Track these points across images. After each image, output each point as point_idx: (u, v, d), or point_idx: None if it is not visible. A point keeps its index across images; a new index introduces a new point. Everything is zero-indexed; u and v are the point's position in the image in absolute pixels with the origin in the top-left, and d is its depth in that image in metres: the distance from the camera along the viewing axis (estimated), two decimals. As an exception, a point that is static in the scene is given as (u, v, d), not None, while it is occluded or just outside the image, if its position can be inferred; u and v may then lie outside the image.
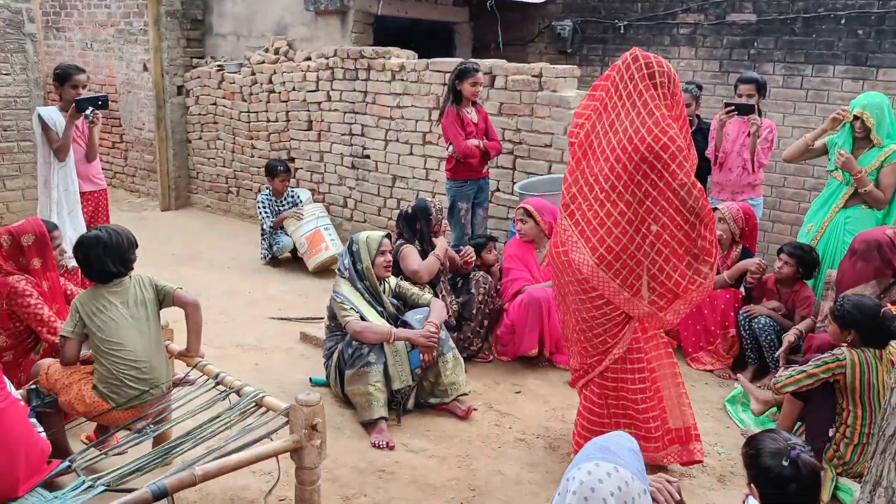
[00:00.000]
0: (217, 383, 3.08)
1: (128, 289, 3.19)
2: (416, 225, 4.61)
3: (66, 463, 2.65)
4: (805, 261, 4.50)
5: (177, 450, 2.71)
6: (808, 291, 4.54)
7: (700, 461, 3.48)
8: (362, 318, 3.91)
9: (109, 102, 5.82)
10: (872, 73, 6.01)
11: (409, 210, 4.67)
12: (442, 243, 4.58)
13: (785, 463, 2.16)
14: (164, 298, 3.29)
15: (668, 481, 2.06)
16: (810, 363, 3.37)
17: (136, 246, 3.30)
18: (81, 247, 3.14)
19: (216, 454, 2.61)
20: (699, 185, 3.16)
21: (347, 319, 3.89)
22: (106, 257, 3.12)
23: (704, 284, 3.21)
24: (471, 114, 5.41)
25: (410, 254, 4.49)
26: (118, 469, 2.58)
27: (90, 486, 2.44)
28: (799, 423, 3.59)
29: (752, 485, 2.25)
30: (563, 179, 3.43)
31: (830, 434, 3.39)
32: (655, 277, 3.20)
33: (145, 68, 8.75)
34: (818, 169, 6.14)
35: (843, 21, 6.11)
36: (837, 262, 4.56)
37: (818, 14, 6.22)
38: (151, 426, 3.06)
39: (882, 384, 3.26)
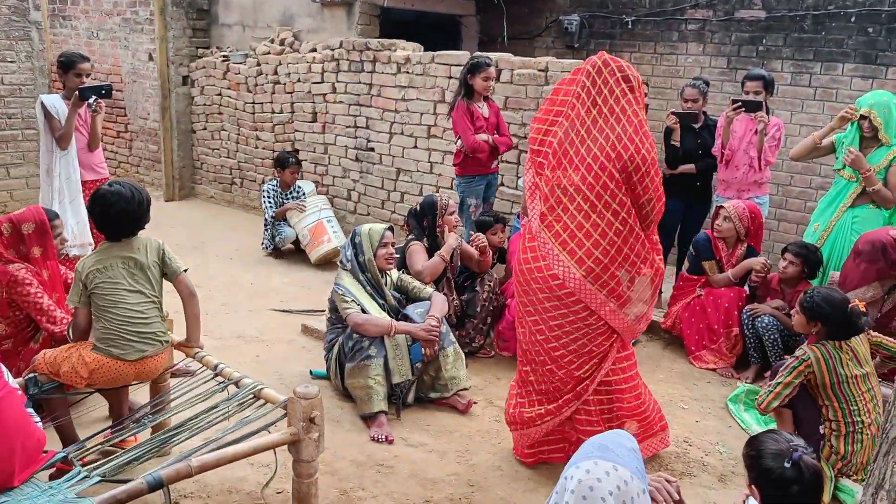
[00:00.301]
0: (216, 374, 3.06)
1: (134, 249, 3.18)
2: (423, 221, 4.57)
3: (63, 453, 2.64)
4: (810, 260, 4.46)
5: (173, 440, 2.69)
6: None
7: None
8: (363, 311, 3.89)
9: (114, 92, 5.81)
10: (882, 72, 5.95)
11: (418, 207, 4.65)
12: (450, 241, 4.49)
13: (787, 465, 2.14)
14: (168, 272, 3.28)
15: (668, 480, 2.04)
16: (780, 374, 3.39)
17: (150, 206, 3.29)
18: (100, 200, 3.11)
19: (213, 446, 2.59)
20: (664, 199, 3.25)
21: (348, 312, 3.87)
22: (122, 214, 3.10)
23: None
24: (482, 108, 5.38)
25: (417, 252, 4.46)
26: (114, 459, 2.57)
27: (85, 477, 2.42)
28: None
29: (753, 486, 2.23)
30: (530, 189, 3.31)
31: (822, 431, 3.38)
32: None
33: (151, 58, 8.73)
34: (825, 168, 6.09)
35: (853, 19, 6.05)
36: (844, 260, 4.53)
37: (828, 11, 6.16)
38: (150, 416, 3.05)
39: (849, 372, 3.30)
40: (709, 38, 6.81)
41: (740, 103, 4.98)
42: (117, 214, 3.10)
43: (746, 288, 4.82)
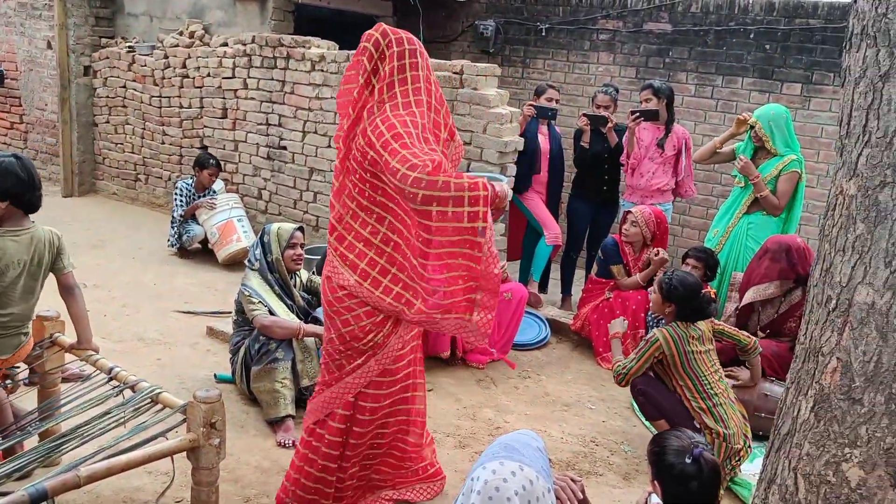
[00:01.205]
0: (110, 378, 2.90)
1: (36, 239, 3.02)
2: None
3: (-64, 463, 2.44)
4: (710, 264, 4.65)
5: (62, 448, 2.53)
6: (712, 293, 4.68)
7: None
8: (271, 313, 3.78)
9: (7, 80, 5.46)
10: (777, 87, 6.26)
11: None
12: None
13: (688, 460, 2.19)
14: (55, 268, 3.10)
15: (573, 480, 2.06)
16: (633, 356, 3.66)
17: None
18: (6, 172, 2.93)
19: (106, 454, 2.45)
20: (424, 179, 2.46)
21: (255, 313, 3.75)
22: (24, 184, 2.96)
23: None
24: None
25: None
26: (-6, 469, 2.39)
27: (-41, 489, 2.25)
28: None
29: (655, 482, 2.28)
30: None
31: (697, 426, 3.53)
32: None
33: (49, 46, 8.27)
34: (725, 176, 6.36)
35: (751, 35, 6.35)
36: (741, 264, 4.75)
37: (729, 27, 6.44)
38: (37, 422, 2.86)
39: (694, 349, 3.56)
40: (619, 48, 7.01)
41: (639, 114, 5.21)
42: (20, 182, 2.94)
43: (652, 291, 4.97)
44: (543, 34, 7.35)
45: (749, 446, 3.54)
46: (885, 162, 1.71)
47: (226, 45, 7.07)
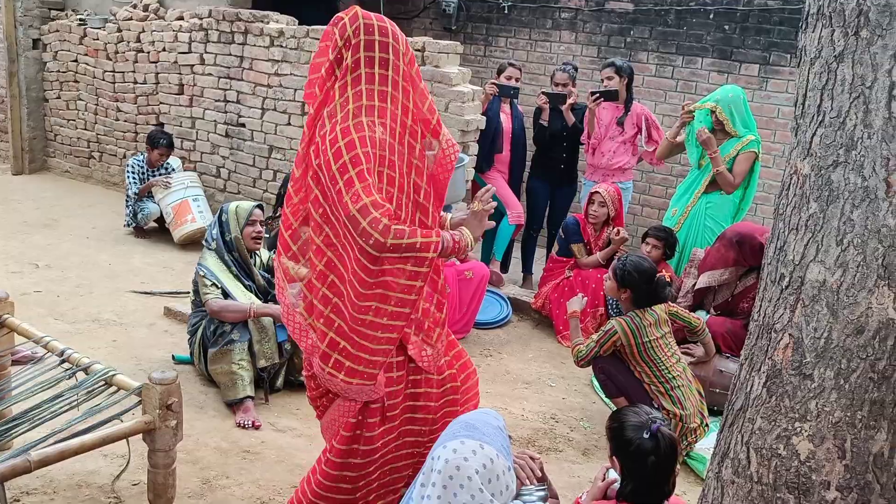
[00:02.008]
0: (63, 360, 2.83)
1: None
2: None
3: None
4: (669, 242, 4.71)
5: (12, 432, 2.47)
6: (671, 271, 4.75)
7: None
8: (225, 294, 3.73)
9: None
10: (736, 67, 6.33)
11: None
12: None
13: (646, 435, 2.22)
14: None
15: (532, 458, 2.08)
16: (591, 341, 3.71)
17: None
18: None
19: (58, 437, 2.39)
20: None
21: (207, 297, 3.71)
22: None
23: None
24: None
25: None
26: (-59, 455, 2.33)
27: None
28: None
29: (614, 457, 2.31)
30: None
31: (655, 405, 3.59)
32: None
33: (-5, 18, 7.98)
34: (685, 156, 6.42)
35: (711, 16, 6.40)
36: (699, 243, 4.84)
37: (689, 7, 6.48)
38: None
39: (651, 336, 3.60)
40: (581, 27, 7.01)
41: (598, 94, 5.22)
42: None
43: (612, 269, 5.02)
44: (506, 12, 7.31)
45: (706, 425, 3.62)
46: (838, 142, 1.73)
47: (181, 18, 6.90)
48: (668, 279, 3.81)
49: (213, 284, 3.74)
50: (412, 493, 1.83)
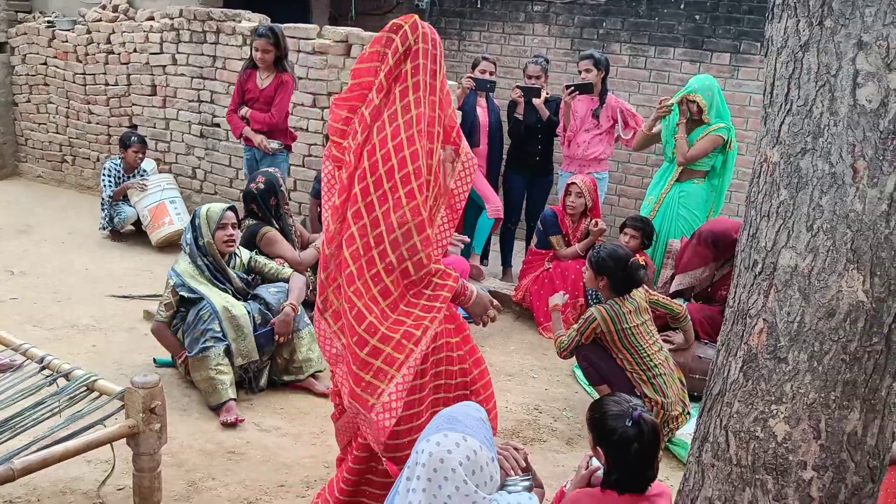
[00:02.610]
0: (42, 367, 2.81)
1: None
2: (270, 201, 4.42)
3: None
4: (647, 232, 4.76)
5: (-7, 442, 2.45)
6: (648, 260, 4.80)
7: None
8: (190, 303, 3.77)
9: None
10: (707, 57, 6.40)
11: (261, 185, 4.44)
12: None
13: (628, 423, 2.24)
14: None
15: (516, 448, 2.10)
16: (572, 331, 3.77)
17: None
18: None
19: (41, 444, 2.38)
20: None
21: (158, 317, 3.82)
22: None
23: None
24: (264, 79, 5.34)
25: (279, 240, 4.32)
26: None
27: None
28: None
29: (598, 447, 2.33)
30: (329, 183, 2.58)
31: (637, 393, 3.65)
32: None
33: (-39, 21, 7.85)
34: (660, 146, 6.48)
35: (682, 6, 6.46)
36: (673, 230, 4.90)
37: (661, -2, 6.53)
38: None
39: (631, 324, 3.66)
40: (553, 19, 7.04)
41: (573, 87, 5.25)
42: None
43: (590, 260, 5.07)
44: (479, 6, 7.32)
45: (687, 413, 3.67)
46: (806, 130, 1.77)
47: (152, 19, 6.83)
48: (643, 263, 3.87)
49: (169, 304, 3.78)
50: (398, 486, 1.85)
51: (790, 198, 1.80)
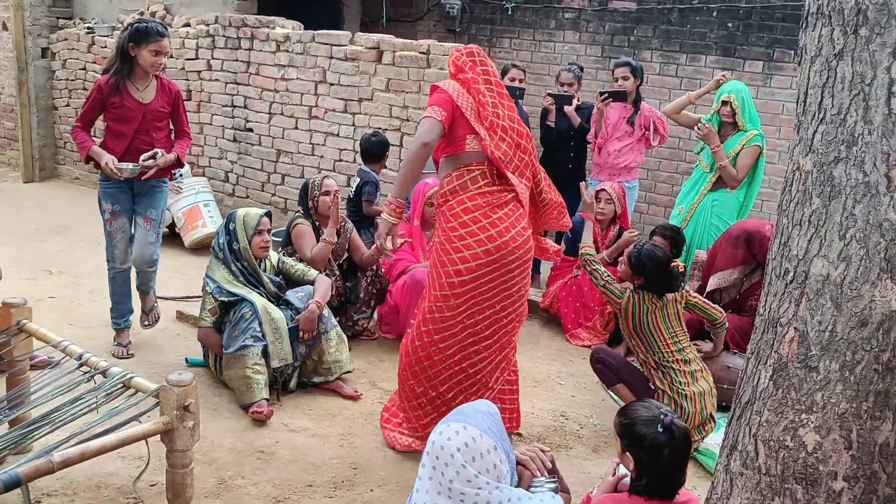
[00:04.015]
0: (81, 364, 2.88)
1: None
2: (307, 201, 4.51)
3: None
4: (676, 241, 4.73)
5: (33, 435, 2.52)
6: (681, 267, 4.77)
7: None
8: (226, 312, 3.83)
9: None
10: (740, 65, 6.36)
11: (302, 187, 4.61)
12: (330, 227, 4.39)
13: (660, 429, 2.24)
14: None
15: (542, 450, 2.12)
16: (608, 277, 3.92)
17: None
18: None
19: (79, 439, 2.45)
20: None
21: (202, 323, 3.86)
22: None
23: None
24: (142, 91, 4.07)
25: (305, 234, 4.39)
26: (-35, 458, 2.38)
27: (-70, 478, 2.23)
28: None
29: (627, 453, 2.32)
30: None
31: (652, 388, 3.67)
32: None
33: (5, 27, 8.06)
34: (690, 154, 6.45)
35: (714, 14, 6.42)
36: (705, 240, 4.86)
37: (692, 5, 6.51)
38: (6, 411, 2.85)
39: (654, 323, 3.68)
40: (584, 26, 7.04)
41: (607, 94, 5.23)
42: None
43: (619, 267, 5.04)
44: (509, 13, 7.36)
45: (713, 422, 3.65)
46: (839, 138, 1.76)
47: (188, 25, 6.96)
48: (681, 269, 3.88)
49: (213, 309, 3.83)
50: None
51: (823, 206, 1.79)
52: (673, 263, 3.80)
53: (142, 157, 4.06)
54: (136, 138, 4.14)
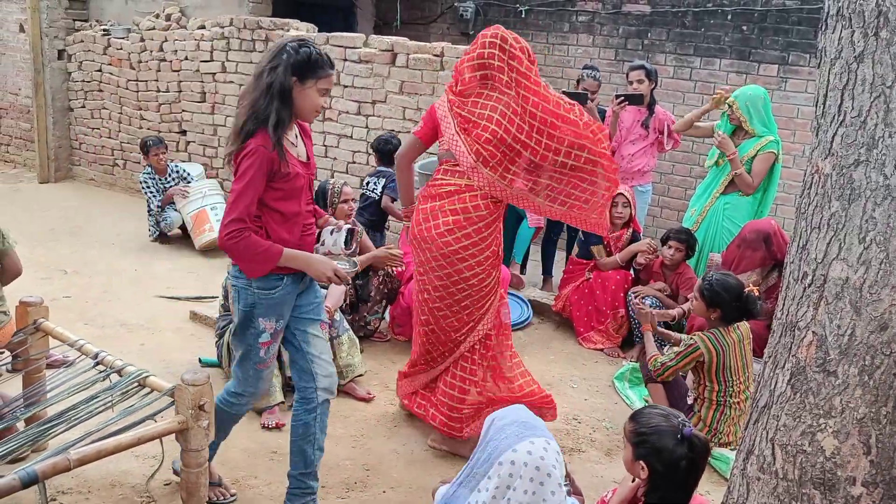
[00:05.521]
0: (96, 363, 2.89)
1: None
2: (325, 205, 4.51)
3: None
4: (690, 244, 4.72)
5: (50, 433, 2.54)
6: (691, 273, 4.75)
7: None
8: None
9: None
10: (754, 68, 6.32)
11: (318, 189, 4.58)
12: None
13: (679, 439, 2.21)
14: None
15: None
16: (672, 357, 3.58)
17: None
18: None
19: (94, 437, 2.46)
20: None
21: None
22: None
23: None
24: (297, 145, 2.81)
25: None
26: (-17, 455, 2.40)
27: (-51, 474, 2.25)
28: None
29: (641, 462, 2.23)
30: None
31: (689, 402, 3.60)
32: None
33: (22, 29, 8.14)
34: (703, 157, 6.42)
35: (729, 17, 6.40)
36: (717, 243, 4.83)
37: (707, 9, 6.48)
38: (22, 409, 2.87)
39: (733, 361, 3.52)
40: (598, 30, 7.03)
41: (623, 97, 5.20)
42: None
43: (632, 271, 5.03)
44: (523, 16, 7.36)
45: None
46: (859, 141, 1.75)
47: (203, 27, 7.01)
48: (757, 294, 3.66)
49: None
50: (469, 482, 1.99)
51: (842, 209, 1.78)
52: (748, 289, 3.62)
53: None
54: (304, 214, 2.84)
